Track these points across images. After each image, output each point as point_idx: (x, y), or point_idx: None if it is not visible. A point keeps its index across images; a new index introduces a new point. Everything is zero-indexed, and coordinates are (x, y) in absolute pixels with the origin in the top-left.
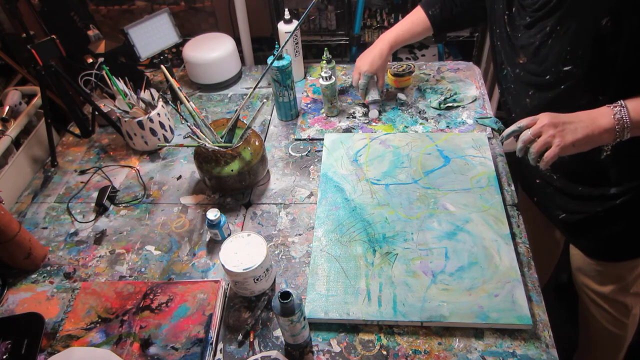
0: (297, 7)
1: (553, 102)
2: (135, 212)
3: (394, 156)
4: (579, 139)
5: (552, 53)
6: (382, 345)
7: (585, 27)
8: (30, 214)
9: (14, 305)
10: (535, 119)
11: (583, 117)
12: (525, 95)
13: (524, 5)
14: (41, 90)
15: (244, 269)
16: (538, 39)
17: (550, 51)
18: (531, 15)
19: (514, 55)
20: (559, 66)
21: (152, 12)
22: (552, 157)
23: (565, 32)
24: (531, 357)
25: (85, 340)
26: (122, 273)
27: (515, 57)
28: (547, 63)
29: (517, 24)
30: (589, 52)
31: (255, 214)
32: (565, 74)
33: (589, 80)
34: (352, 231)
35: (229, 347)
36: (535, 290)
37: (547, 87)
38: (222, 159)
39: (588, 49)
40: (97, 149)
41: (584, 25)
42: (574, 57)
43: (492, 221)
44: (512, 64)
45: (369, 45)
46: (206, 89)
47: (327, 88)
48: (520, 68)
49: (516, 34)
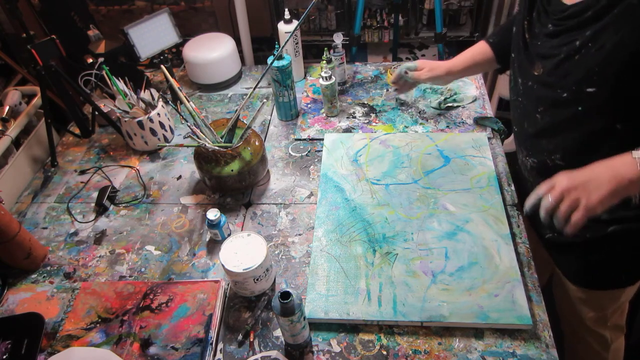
0: (297, 7)
1: (564, 123)
2: (135, 212)
3: (394, 156)
4: (605, 195)
5: (577, 70)
6: (382, 345)
7: (623, 46)
8: (30, 214)
9: (14, 305)
10: (552, 183)
11: (603, 170)
12: (534, 111)
13: (549, 11)
14: (41, 90)
15: (244, 269)
16: (563, 52)
17: (576, 68)
18: (557, 23)
19: (529, 65)
20: (582, 86)
21: (152, 12)
22: (580, 220)
23: (599, 49)
24: (531, 357)
25: (85, 340)
26: (122, 273)
27: (530, 67)
28: (568, 80)
29: (536, 31)
30: (620, 76)
31: (255, 214)
32: (586, 95)
33: (611, 105)
34: (352, 231)
35: (229, 347)
36: (535, 290)
37: (562, 106)
38: (222, 159)
39: (621, 72)
40: (97, 149)
41: (622, 44)
42: (602, 79)
43: (492, 221)
44: (525, 74)
45: (369, 45)
46: (206, 89)
47: (327, 88)
48: (534, 80)
49: (535, 42)
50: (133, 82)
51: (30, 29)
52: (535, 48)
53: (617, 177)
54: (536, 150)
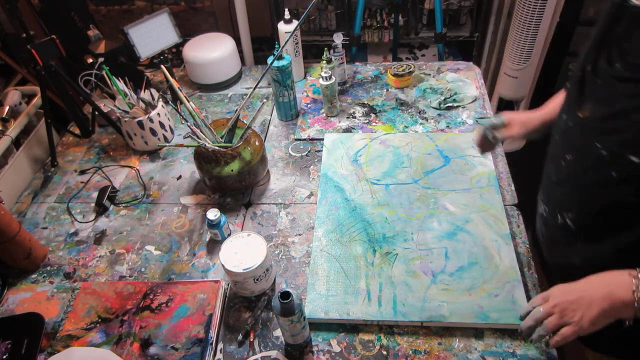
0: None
1: (590, 183)
2: (135, 212)
3: (394, 156)
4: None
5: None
6: (382, 345)
7: None
8: (30, 214)
9: (14, 305)
10: (547, 295)
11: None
12: (561, 156)
13: (625, 50)
14: (41, 90)
15: (244, 269)
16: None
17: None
18: (630, 67)
19: (577, 103)
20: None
21: (152, 12)
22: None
23: None
24: (531, 357)
25: (85, 340)
26: (122, 273)
27: (577, 105)
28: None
29: (601, 66)
30: None
31: (255, 214)
32: (628, 163)
33: None
34: (352, 231)
35: (229, 347)
36: (535, 290)
37: (595, 162)
38: (222, 159)
39: None
40: (97, 149)
41: None
42: None
43: (492, 221)
44: (569, 112)
45: (369, 45)
46: (206, 89)
47: (327, 88)
48: (576, 121)
49: (594, 79)
50: (133, 82)
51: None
52: (592, 86)
53: (610, 297)
54: (551, 199)
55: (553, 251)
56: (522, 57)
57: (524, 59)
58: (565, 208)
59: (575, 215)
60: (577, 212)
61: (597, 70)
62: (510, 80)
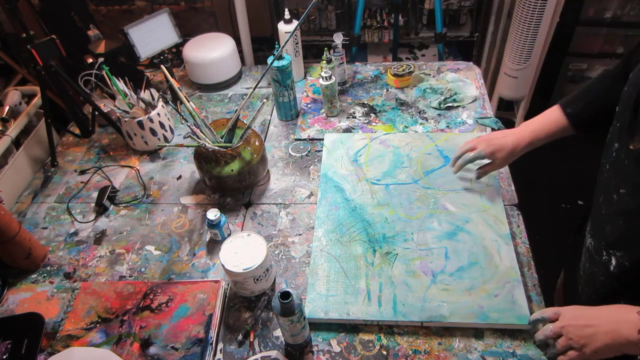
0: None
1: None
2: (135, 212)
3: (394, 156)
4: (599, 348)
5: None
6: (382, 345)
7: None
8: (30, 214)
9: (14, 305)
10: (558, 313)
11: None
12: (613, 189)
13: None
14: (41, 90)
15: (244, 269)
16: None
17: None
18: None
19: (629, 134)
20: None
21: (152, 12)
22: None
23: None
24: (531, 357)
25: (85, 340)
26: (122, 273)
27: (629, 136)
28: None
29: None
30: None
31: (255, 214)
32: None
33: None
34: (352, 231)
35: (229, 347)
36: (535, 290)
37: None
38: (222, 159)
39: None
40: (97, 149)
41: None
42: None
43: (492, 221)
44: (622, 141)
45: (369, 45)
46: (206, 89)
47: (327, 88)
48: (627, 154)
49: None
50: (133, 82)
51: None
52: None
53: (614, 333)
54: (598, 233)
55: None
56: (522, 57)
57: (524, 59)
58: (612, 245)
59: (621, 256)
60: (624, 254)
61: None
62: (510, 80)
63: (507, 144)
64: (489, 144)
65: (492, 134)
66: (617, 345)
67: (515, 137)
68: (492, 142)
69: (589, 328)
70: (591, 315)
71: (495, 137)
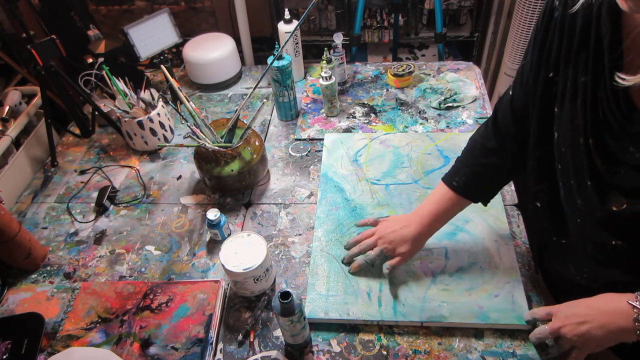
0: (297, 7)
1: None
2: (135, 212)
3: (394, 156)
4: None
5: None
6: (382, 345)
7: None
8: (30, 214)
9: (14, 305)
10: (550, 313)
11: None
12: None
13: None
14: (41, 90)
15: (244, 269)
16: None
17: None
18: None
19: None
20: None
21: (152, 12)
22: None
23: None
24: (531, 357)
25: (85, 340)
26: (122, 273)
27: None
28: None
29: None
30: None
31: (255, 214)
32: None
33: None
34: (352, 231)
35: (229, 347)
36: (535, 290)
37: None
38: (222, 159)
39: None
40: (97, 149)
41: None
42: None
43: (492, 221)
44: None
45: (369, 45)
46: (206, 89)
47: (327, 88)
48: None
49: (616, 169)
50: (133, 82)
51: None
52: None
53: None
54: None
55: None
56: (522, 57)
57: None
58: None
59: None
60: None
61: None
62: (510, 80)
63: (408, 235)
64: (387, 240)
65: (389, 224)
66: (614, 336)
67: (416, 225)
68: (392, 237)
69: (584, 325)
70: (583, 312)
71: (392, 231)
